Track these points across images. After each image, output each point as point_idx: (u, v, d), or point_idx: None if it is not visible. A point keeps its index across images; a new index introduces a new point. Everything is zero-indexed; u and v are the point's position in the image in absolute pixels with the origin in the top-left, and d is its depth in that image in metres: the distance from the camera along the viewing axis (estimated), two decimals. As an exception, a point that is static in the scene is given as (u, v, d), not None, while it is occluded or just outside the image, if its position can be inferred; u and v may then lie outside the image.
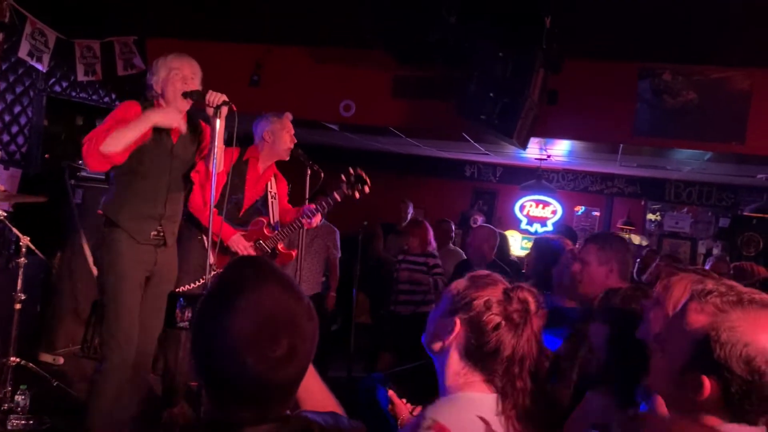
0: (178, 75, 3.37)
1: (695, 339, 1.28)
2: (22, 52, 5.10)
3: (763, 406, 1.24)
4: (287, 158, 4.28)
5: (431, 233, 5.94)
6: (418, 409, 2.31)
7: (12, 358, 4.06)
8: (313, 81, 5.60)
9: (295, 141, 4.24)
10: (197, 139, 3.62)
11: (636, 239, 9.17)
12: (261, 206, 4.26)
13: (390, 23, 4.40)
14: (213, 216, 3.41)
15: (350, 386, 4.52)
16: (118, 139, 3.14)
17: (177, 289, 3.44)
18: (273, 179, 4.33)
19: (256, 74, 5.69)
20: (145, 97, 3.51)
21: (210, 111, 3.31)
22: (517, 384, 1.63)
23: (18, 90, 5.24)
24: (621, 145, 5.55)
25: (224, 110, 3.31)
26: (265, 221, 4.20)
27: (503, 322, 1.61)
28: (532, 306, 1.65)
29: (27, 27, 5.09)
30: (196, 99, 3.37)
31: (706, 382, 1.25)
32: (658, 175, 8.86)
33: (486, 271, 1.77)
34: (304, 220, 4.09)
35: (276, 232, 4.21)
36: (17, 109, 5.25)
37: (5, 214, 4.11)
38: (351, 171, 4.14)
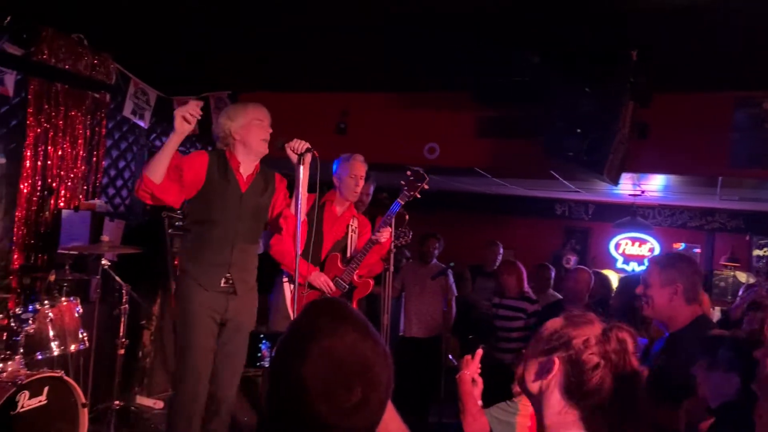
0: (261, 125, 3.51)
1: None
2: (127, 111, 5.46)
3: None
4: (354, 200, 4.30)
5: (525, 275, 5.69)
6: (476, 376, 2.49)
7: (115, 402, 4.24)
8: (397, 125, 5.69)
9: (361, 184, 4.23)
10: (269, 190, 3.65)
11: (742, 277, 8.64)
12: (340, 248, 4.28)
13: (474, 66, 4.43)
14: (299, 261, 3.45)
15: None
16: (154, 164, 3.18)
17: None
18: (353, 220, 4.33)
19: (342, 122, 5.84)
20: (214, 147, 3.62)
21: (294, 158, 3.36)
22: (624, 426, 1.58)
23: (122, 146, 5.59)
24: (720, 178, 5.29)
25: (308, 157, 3.36)
26: (338, 257, 4.21)
27: (602, 362, 1.58)
28: (630, 346, 1.62)
29: (130, 87, 5.46)
30: (281, 147, 3.44)
31: None
32: (763, 208, 8.37)
33: (580, 311, 1.75)
34: (375, 236, 4.06)
35: (349, 265, 4.17)
36: (122, 164, 5.60)
37: (109, 264, 4.34)
38: (408, 172, 4.06)
